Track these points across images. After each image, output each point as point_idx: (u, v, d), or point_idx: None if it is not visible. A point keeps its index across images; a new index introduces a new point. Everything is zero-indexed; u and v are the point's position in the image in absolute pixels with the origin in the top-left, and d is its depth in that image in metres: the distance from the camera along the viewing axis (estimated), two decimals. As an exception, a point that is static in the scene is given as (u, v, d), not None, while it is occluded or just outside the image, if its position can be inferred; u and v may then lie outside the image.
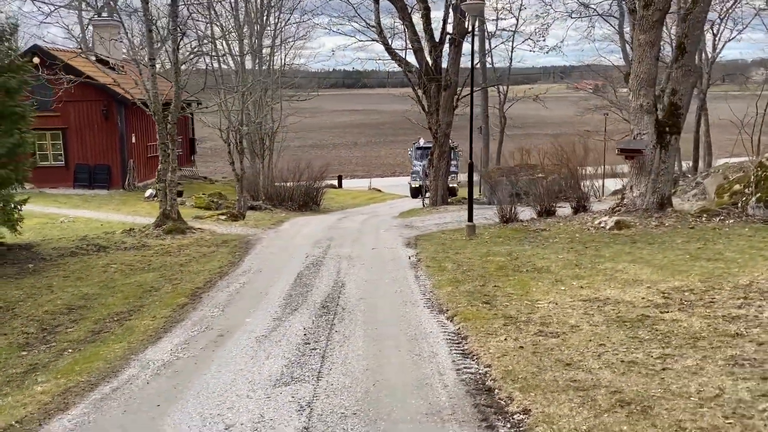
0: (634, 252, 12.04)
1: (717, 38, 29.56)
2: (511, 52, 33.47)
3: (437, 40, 23.51)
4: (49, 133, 27.36)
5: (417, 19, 24.02)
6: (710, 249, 11.76)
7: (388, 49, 24.17)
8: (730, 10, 26.79)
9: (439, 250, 13.71)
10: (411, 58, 23.76)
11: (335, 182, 51.06)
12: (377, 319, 8.54)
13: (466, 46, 24.65)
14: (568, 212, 18.46)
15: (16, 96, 14.12)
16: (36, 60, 24.06)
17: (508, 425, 4.81)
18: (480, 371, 6.09)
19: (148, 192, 25.69)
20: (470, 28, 21.80)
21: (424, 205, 25.17)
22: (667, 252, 11.78)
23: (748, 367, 5.29)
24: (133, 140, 28.41)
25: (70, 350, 8.05)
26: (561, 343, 6.52)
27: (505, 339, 6.91)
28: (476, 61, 30.81)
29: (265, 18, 32.20)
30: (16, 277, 12.64)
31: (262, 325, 8.38)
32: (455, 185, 32.30)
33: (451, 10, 22.84)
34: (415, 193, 33.99)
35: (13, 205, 14.36)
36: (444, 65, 23.47)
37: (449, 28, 23.30)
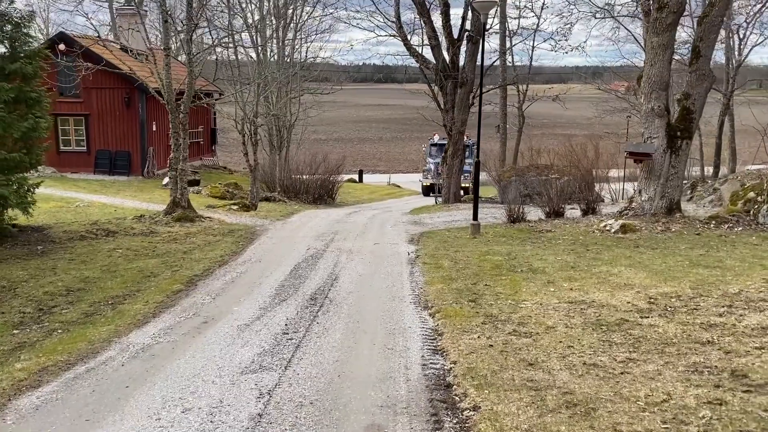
0: (634, 256, 11.95)
1: (743, 42, 29.01)
2: (532, 51, 33.23)
3: (455, 37, 23.46)
4: (73, 118, 27.93)
5: (436, 16, 24.03)
6: (712, 256, 11.64)
7: (407, 44, 24.20)
8: (758, 14, 26.27)
9: (439, 248, 13.74)
10: (429, 55, 23.76)
11: (356, 176, 51.31)
12: (362, 312, 8.63)
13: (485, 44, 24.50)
14: (578, 214, 18.37)
15: (33, 82, 14.42)
16: (62, 47, 24.63)
17: (455, 421, 4.86)
18: (445, 367, 6.14)
19: (166, 180, 26.00)
20: (486, 26, 21.70)
21: (436, 203, 25.18)
22: (668, 258, 11.68)
23: (705, 375, 5.26)
24: (154, 128, 28.82)
25: (59, 330, 8.27)
26: (531, 344, 6.53)
27: (478, 337, 6.95)
28: (494, 60, 30.71)
29: (289, 11, 32.46)
30: (24, 258, 12.97)
31: (247, 314, 8.52)
32: (468, 184, 31.94)
33: (470, 8, 22.76)
34: (427, 191, 33.97)
35: (26, 188, 14.68)
36: (461, 63, 23.41)
37: (468, 25, 23.24)
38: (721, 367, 5.41)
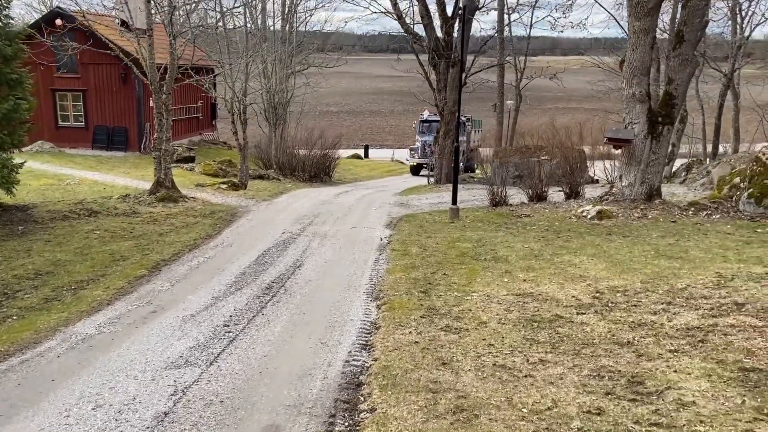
0: (603, 245, 11.97)
1: (746, 21, 28.40)
2: (530, 28, 32.70)
3: (449, 14, 23.20)
4: (70, 94, 28.14)
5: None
6: (679, 246, 11.62)
7: (401, 22, 23.98)
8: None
9: (413, 233, 13.81)
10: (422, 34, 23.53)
11: (362, 152, 51.19)
12: (312, 303, 8.75)
13: (475, 25, 24.24)
14: (563, 198, 18.30)
15: (13, 63, 14.57)
16: (58, 22, 24.69)
17: (346, 423, 4.99)
18: (365, 365, 6.26)
19: (161, 156, 26.22)
20: (477, 3, 21.44)
21: (428, 183, 25.17)
22: (636, 247, 11.68)
23: (605, 380, 5.34)
24: (151, 104, 28.87)
25: (15, 317, 8.49)
26: (456, 341, 6.63)
27: (410, 332, 7.05)
28: (491, 36, 30.27)
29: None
30: (3, 238, 13.22)
31: (198, 303, 8.69)
32: (462, 163, 31.03)
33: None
34: (416, 170, 33.15)
35: (9, 169, 14.91)
36: (455, 41, 23.19)
37: (461, 2, 22.94)
38: (624, 372, 5.48)
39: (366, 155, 50.58)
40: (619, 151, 16.00)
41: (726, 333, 6.43)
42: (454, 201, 15.85)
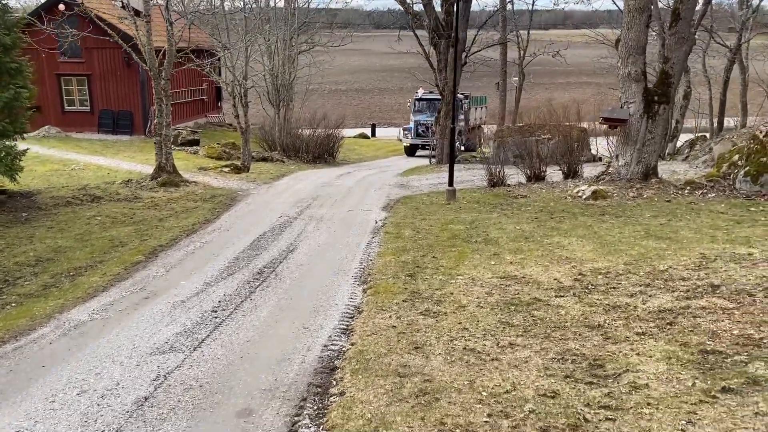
0: (594, 226, 12.07)
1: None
2: (532, 5, 32.37)
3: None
4: (75, 78, 28.37)
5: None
6: (670, 226, 11.71)
7: (401, 0, 23.91)
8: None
9: (408, 215, 13.98)
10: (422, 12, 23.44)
11: (368, 131, 51.13)
12: (301, 287, 8.97)
13: (476, 1, 24.08)
14: (561, 177, 18.34)
15: (12, 52, 14.78)
16: (61, 6, 24.82)
17: (315, 408, 5.22)
18: (343, 349, 6.48)
19: (166, 140, 26.44)
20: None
21: (430, 163, 25.25)
22: (627, 227, 11.78)
23: (568, 363, 5.51)
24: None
25: (13, 304, 8.79)
26: (432, 325, 6.83)
27: (390, 316, 7.26)
28: (494, 13, 30.01)
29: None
30: (6, 225, 13.54)
31: (190, 289, 8.93)
32: (462, 143, 30.01)
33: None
34: (411, 151, 32.04)
35: (12, 156, 15.19)
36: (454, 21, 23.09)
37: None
38: (588, 355, 5.65)
39: (373, 134, 50.53)
40: (617, 130, 16.02)
41: (696, 315, 6.58)
42: (451, 182, 15.98)
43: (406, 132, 33.00)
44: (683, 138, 28.91)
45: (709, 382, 4.81)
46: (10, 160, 15.16)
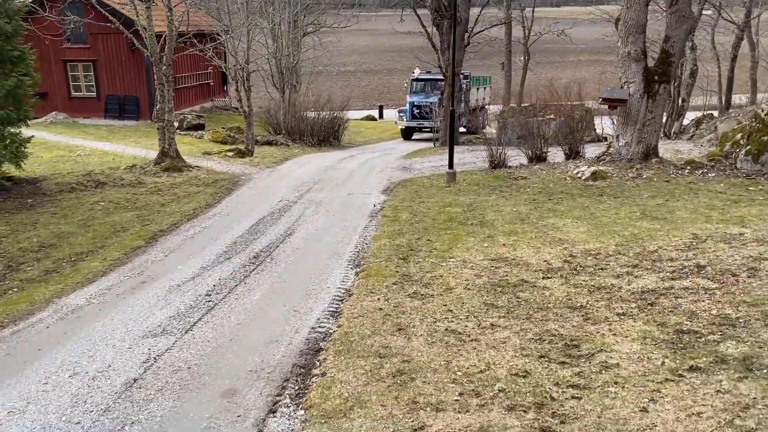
0: (591, 207, 12.13)
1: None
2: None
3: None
4: (81, 64, 28.53)
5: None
6: (667, 207, 11.75)
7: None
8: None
9: (407, 198, 14.07)
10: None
11: (376, 113, 51.01)
12: (295, 271, 9.12)
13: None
14: (563, 158, 18.33)
15: (14, 40, 14.92)
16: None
17: (296, 388, 5.38)
18: (330, 331, 6.63)
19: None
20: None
21: (434, 145, 25.27)
22: (623, 208, 11.83)
23: (545, 344, 5.63)
24: (161, 72, 29.21)
25: (15, 289, 9.00)
26: (418, 307, 6.96)
27: (378, 299, 7.39)
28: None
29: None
30: (12, 211, 13.78)
31: (187, 273, 9.10)
32: (463, 125, 28.95)
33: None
34: (407, 134, 30.76)
35: (17, 144, 15.41)
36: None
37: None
38: (565, 336, 5.76)
39: (380, 116, 50.40)
40: (618, 110, 15.97)
41: (678, 296, 6.66)
42: (451, 165, 16.04)
43: (401, 114, 31.35)
44: (691, 116, 28.70)
45: (677, 362, 4.91)
46: (15, 147, 15.38)
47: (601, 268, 8.13)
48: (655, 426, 4.02)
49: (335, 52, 41.79)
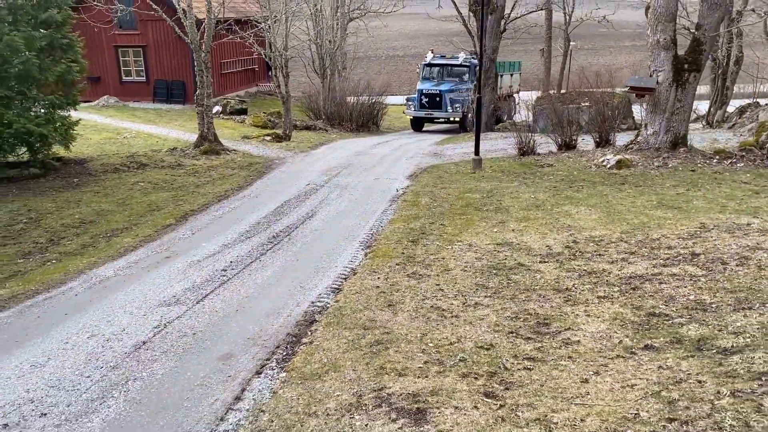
0: (609, 195, 12.27)
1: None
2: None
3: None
4: (131, 50, 29.67)
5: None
6: (685, 196, 11.81)
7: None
8: None
9: (429, 184, 14.42)
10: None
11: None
12: (308, 251, 9.63)
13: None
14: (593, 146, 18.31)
15: (63, 28, 15.82)
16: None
17: (283, 353, 5.87)
18: (327, 305, 7.11)
19: (215, 109, 27.49)
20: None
21: (469, 131, 25.42)
22: (641, 197, 11.94)
23: (519, 321, 5.96)
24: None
25: (54, 261, 9.79)
26: (413, 286, 7.36)
27: (378, 278, 7.83)
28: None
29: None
30: (59, 190, 14.72)
31: (208, 250, 9.72)
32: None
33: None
34: (417, 125, 28.56)
35: (66, 126, 16.37)
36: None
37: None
38: (541, 314, 6.08)
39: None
40: (646, 97, 15.90)
41: (663, 282, 6.89)
42: (477, 152, 16.27)
43: (409, 103, 28.39)
44: (737, 104, 28.00)
45: (635, 341, 5.20)
46: (65, 130, 16.34)
47: (600, 254, 8.36)
48: (588, 395, 4.34)
49: (384, 36, 41.92)
